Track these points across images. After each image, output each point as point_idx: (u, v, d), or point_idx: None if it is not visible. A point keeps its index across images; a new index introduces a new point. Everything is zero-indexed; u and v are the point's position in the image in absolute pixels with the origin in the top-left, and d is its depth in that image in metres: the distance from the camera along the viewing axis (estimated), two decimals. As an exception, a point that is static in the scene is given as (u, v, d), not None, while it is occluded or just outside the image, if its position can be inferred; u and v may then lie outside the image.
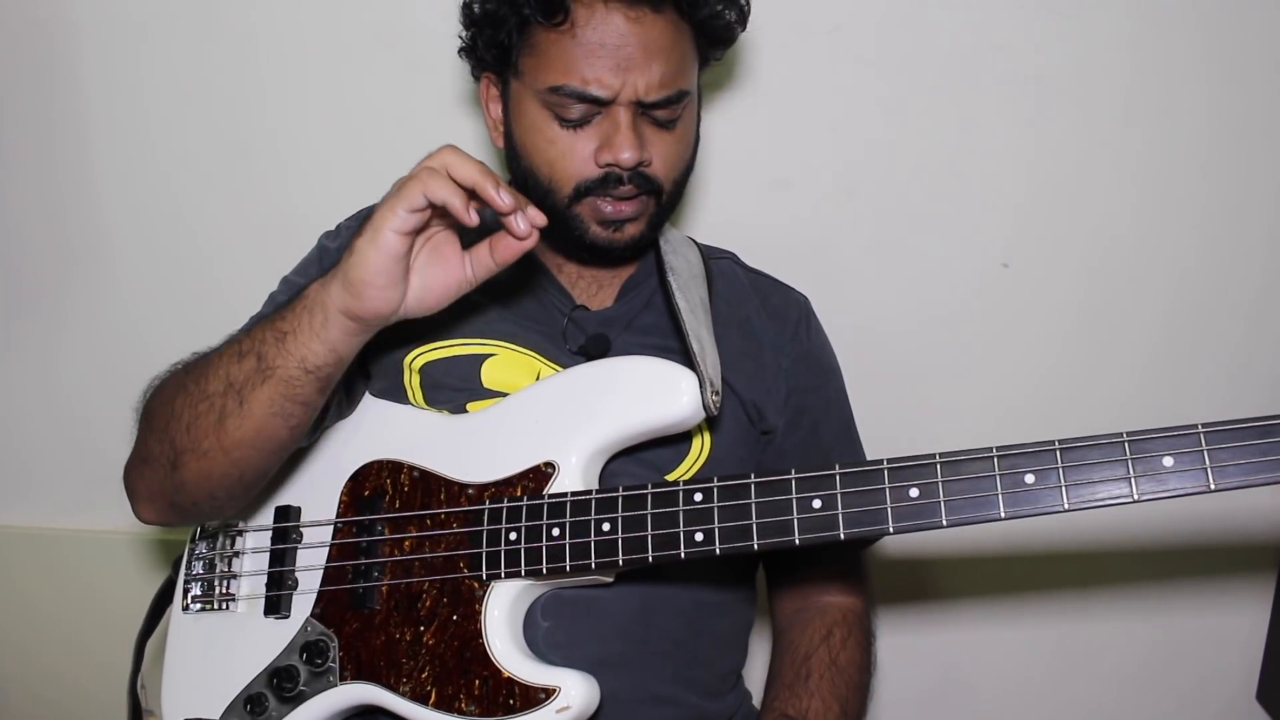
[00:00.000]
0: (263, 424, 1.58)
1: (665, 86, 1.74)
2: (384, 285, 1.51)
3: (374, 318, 1.54)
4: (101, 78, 2.53)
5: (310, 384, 1.57)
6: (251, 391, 1.56)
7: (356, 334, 1.56)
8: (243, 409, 1.57)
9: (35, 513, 2.82)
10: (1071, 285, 2.47)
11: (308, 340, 1.55)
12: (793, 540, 1.48)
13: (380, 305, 1.53)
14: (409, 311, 1.58)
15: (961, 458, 1.44)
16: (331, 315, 1.53)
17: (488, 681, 1.58)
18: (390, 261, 1.50)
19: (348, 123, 2.52)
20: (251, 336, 1.60)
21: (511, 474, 1.66)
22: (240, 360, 1.58)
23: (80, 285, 2.67)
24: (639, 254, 1.95)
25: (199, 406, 1.59)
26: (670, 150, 1.81)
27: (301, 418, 1.60)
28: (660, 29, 1.73)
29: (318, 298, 1.55)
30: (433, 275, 1.58)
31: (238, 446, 1.59)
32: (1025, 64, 2.35)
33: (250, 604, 1.79)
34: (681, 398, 1.60)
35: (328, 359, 1.56)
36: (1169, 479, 1.35)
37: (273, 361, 1.55)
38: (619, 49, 1.71)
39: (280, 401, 1.56)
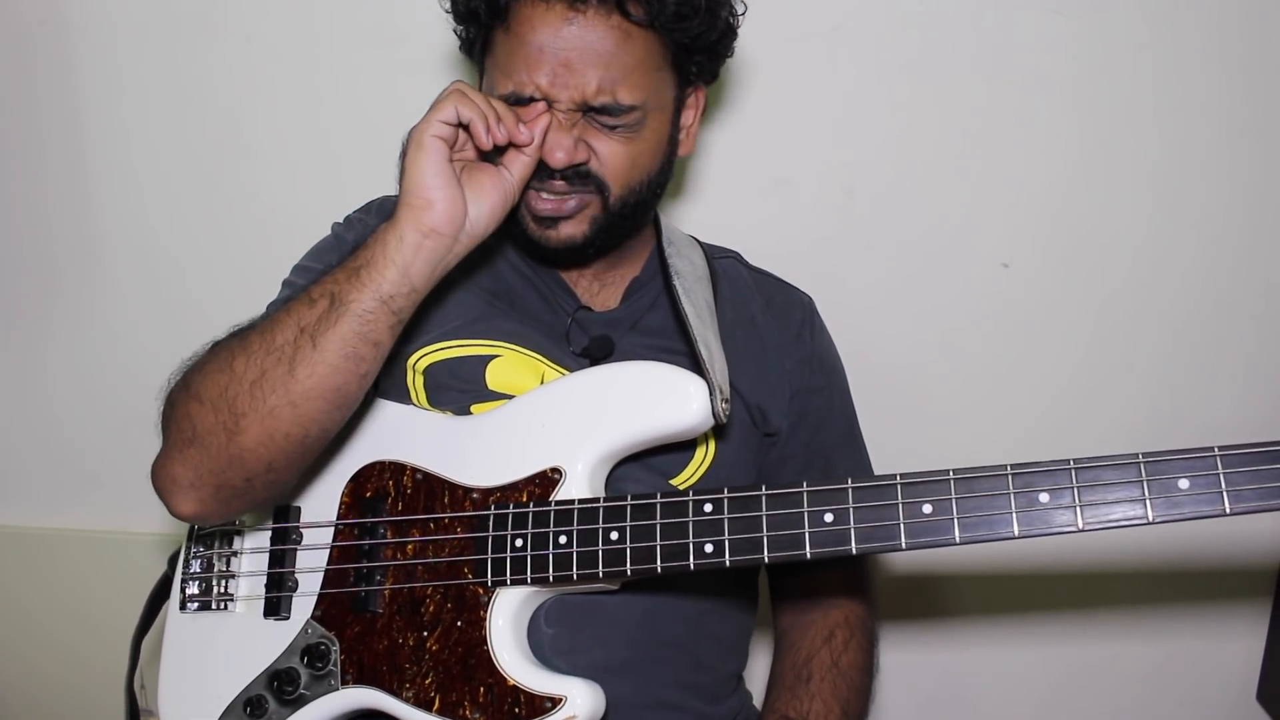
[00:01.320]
0: (335, 368, 1.57)
1: (603, 94, 1.71)
2: (444, 186, 1.58)
3: (446, 225, 1.59)
4: (91, 79, 2.53)
5: (384, 317, 1.57)
6: (326, 331, 1.56)
7: (429, 256, 1.59)
8: (316, 352, 1.56)
9: (24, 512, 2.82)
10: (1074, 286, 2.47)
11: (383, 268, 1.57)
12: (804, 554, 1.48)
13: (449, 208, 1.59)
14: (474, 222, 1.64)
15: (975, 474, 1.43)
16: (406, 236, 1.58)
17: (493, 689, 1.58)
18: (441, 162, 1.58)
19: (343, 126, 2.52)
20: (322, 283, 1.60)
21: (517, 479, 1.66)
22: (312, 305, 1.58)
23: (70, 286, 2.67)
24: (584, 257, 1.90)
25: (265, 361, 1.57)
26: (618, 157, 1.78)
27: (371, 362, 1.60)
28: (603, 33, 1.69)
29: (387, 227, 1.60)
30: (480, 185, 1.65)
31: (306, 398, 1.57)
32: (1026, 64, 2.36)
33: (249, 605, 1.79)
34: (691, 405, 1.60)
35: (401, 286, 1.57)
36: (1184, 502, 1.35)
37: (348, 296, 1.56)
38: (557, 52, 1.69)
39: (354, 340, 1.56)
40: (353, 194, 2.08)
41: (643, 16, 1.71)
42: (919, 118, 2.42)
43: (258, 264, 2.06)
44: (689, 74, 1.86)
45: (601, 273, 1.96)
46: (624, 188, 1.81)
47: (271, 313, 1.67)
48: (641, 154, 1.81)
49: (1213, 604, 2.61)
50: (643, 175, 1.83)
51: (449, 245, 1.60)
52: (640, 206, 1.86)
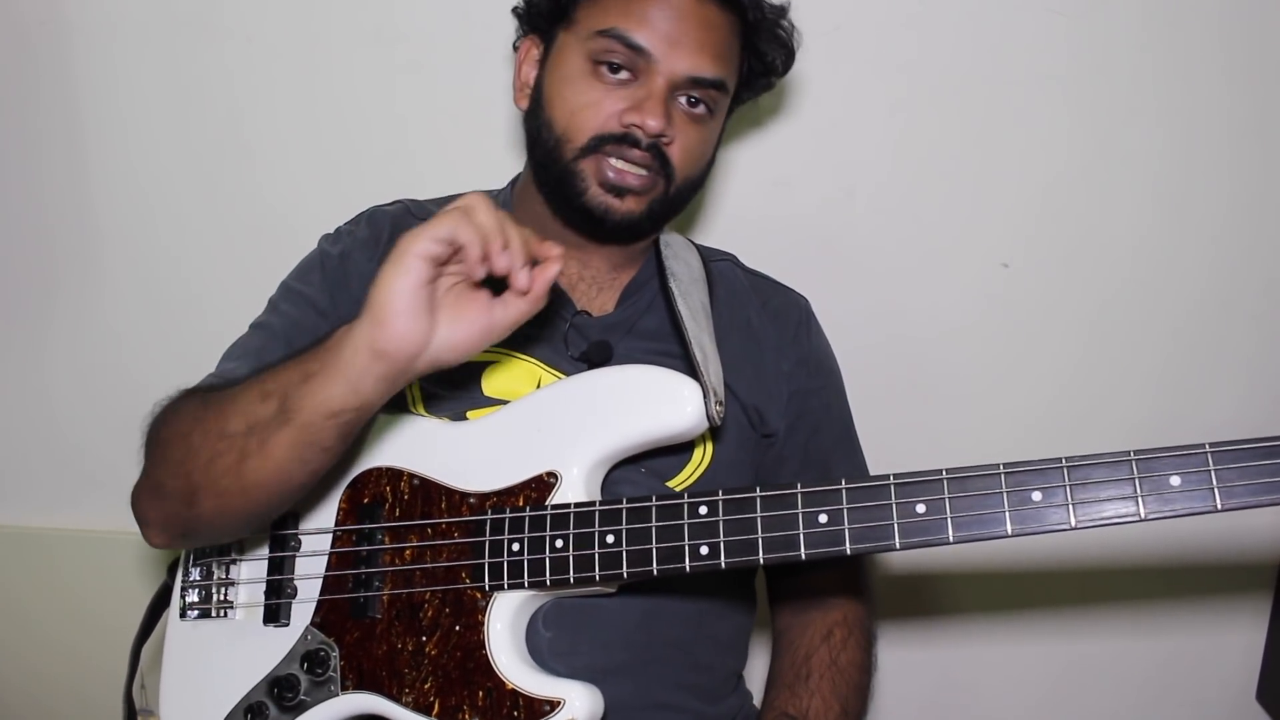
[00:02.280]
0: (282, 468, 1.54)
1: (710, 69, 1.78)
2: (408, 311, 1.44)
3: (400, 351, 1.46)
4: (91, 79, 2.53)
5: (330, 430, 1.51)
6: (273, 435, 1.52)
7: (381, 376, 1.48)
8: (263, 451, 1.53)
9: (23, 512, 2.82)
10: (1074, 286, 2.47)
11: (332, 381, 1.49)
12: (799, 555, 1.48)
13: (405, 334, 1.45)
14: (438, 352, 1.50)
15: (968, 474, 1.43)
16: (358, 352, 1.47)
17: (491, 693, 1.58)
18: (414, 284, 1.44)
19: (343, 126, 2.52)
20: (276, 375, 1.55)
21: (513, 483, 1.65)
22: (263, 401, 1.54)
23: (70, 286, 2.68)
24: (630, 237, 1.93)
25: (218, 445, 1.56)
26: (692, 141, 1.83)
27: (321, 463, 1.57)
28: (721, 23, 1.80)
29: (343, 337, 1.49)
30: (460, 317, 1.51)
31: (256, 488, 1.56)
32: (1026, 64, 2.35)
33: (249, 612, 1.78)
34: (685, 408, 1.60)
35: (349, 402, 1.49)
36: (1176, 498, 1.35)
37: (295, 404, 1.50)
38: (678, 21, 1.75)
39: (300, 447, 1.52)
40: (352, 194, 2.08)
41: (754, 24, 1.86)
42: (919, 118, 2.42)
43: (257, 264, 2.06)
44: (739, 98, 1.98)
45: (599, 277, 1.97)
46: (684, 179, 1.86)
47: (231, 389, 1.62)
48: (706, 145, 1.89)
49: (1212, 603, 2.61)
50: (699, 170, 1.90)
51: (403, 369, 1.49)
52: (684, 201, 1.92)
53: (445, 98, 2.46)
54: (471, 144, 2.45)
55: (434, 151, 2.49)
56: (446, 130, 2.48)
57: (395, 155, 2.50)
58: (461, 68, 2.42)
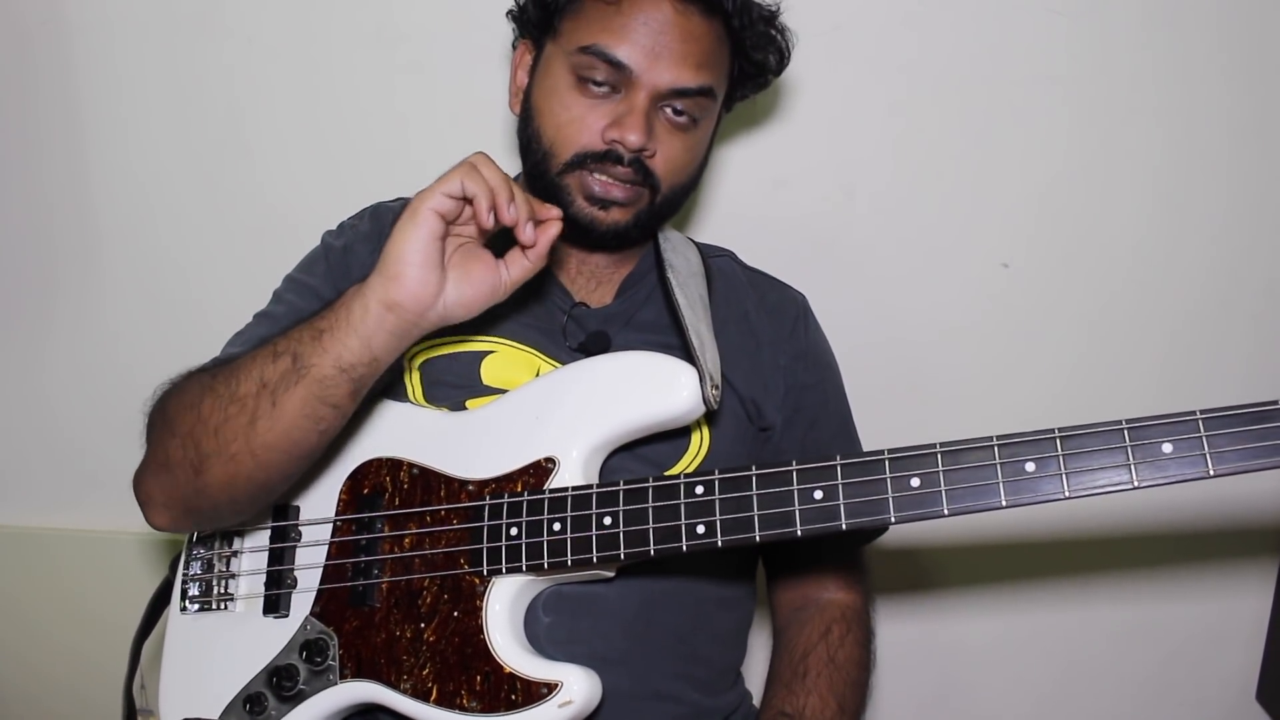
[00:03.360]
0: (294, 426, 1.56)
1: (693, 80, 1.77)
2: (420, 264, 1.51)
3: (412, 304, 1.52)
4: (91, 79, 2.54)
5: (343, 384, 1.54)
6: (285, 391, 1.54)
7: (393, 330, 1.53)
8: (275, 410, 1.54)
9: (23, 512, 2.82)
10: (1074, 286, 2.47)
11: (344, 336, 1.53)
12: (795, 531, 1.48)
13: (418, 288, 1.51)
14: (448, 306, 1.56)
15: (962, 447, 1.43)
16: (371, 306, 1.52)
17: (489, 677, 1.57)
18: (427, 239, 1.51)
19: (343, 126, 2.53)
20: (288, 336, 1.58)
21: (512, 470, 1.66)
22: (275, 360, 1.56)
23: (70, 286, 2.68)
24: (620, 244, 1.93)
25: (229, 409, 1.57)
26: (677, 152, 1.82)
27: (332, 421, 1.58)
28: (704, 31, 1.78)
29: (356, 292, 1.54)
30: (469, 272, 1.57)
31: (266, 450, 1.57)
32: (1026, 64, 2.36)
33: (249, 603, 1.78)
34: (681, 392, 1.60)
35: (362, 355, 1.53)
36: (1168, 465, 1.35)
37: (309, 360, 1.53)
38: (659, 34, 1.74)
39: (313, 403, 1.54)
40: (352, 193, 2.09)
41: (739, 31, 1.83)
42: (918, 118, 2.42)
43: (258, 264, 2.06)
44: (732, 99, 1.98)
45: (598, 270, 1.97)
46: (670, 189, 1.86)
47: (240, 356, 1.65)
48: (693, 154, 1.88)
49: (1213, 604, 2.60)
50: (687, 179, 1.89)
51: (414, 321, 1.55)
52: (673, 208, 1.92)
53: (445, 98, 2.47)
54: (471, 144, 2.40)
55: (434, 151, 2.47)
56: (446, 130, 2.48)
57: (395, 155, 2.50)
58: (461, 68, 2.42)
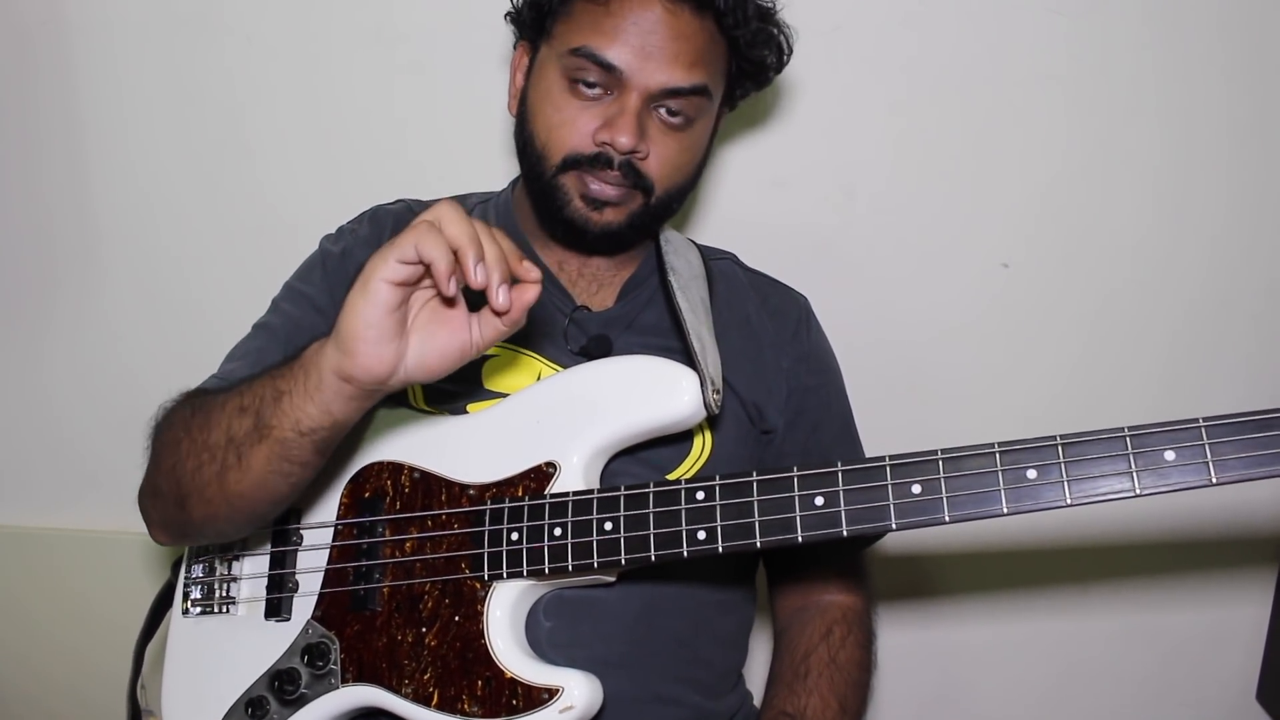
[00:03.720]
0: (261, 480, 1.54)
1: (685, 79, 1.76)
2: (375, 340, 1.40)
3: (367, 378, 1.43)
4: (91, 79, 2.54)
5: (306, 446, 1.51)
6: (250, 449, 1.52)
7: (353, 398, 1.47)
8: (242, 464, 1.53)
9: (24, 512, 2.83)
10: (1074, 286, 2.47)
11: (302, 402, 1.48)
12: (795, 538, 1.48)
13: (372, 363, 1.41)
14: (410, 373, 1.45)
15: (963, 454, 1.43)
16: (325, 376, 1.45)
17: (490, 682, 1.57)
18: (380, 312, 1.39)
19: (343, 126, 2.53)
20: (254, 390, 1.54)
21: (513, 474, 1.66)
22: (241, 415, 1.54)
23: (70, 286, 2.68)
24: (615, 247, 1.93)
25: (201, 456, 1.57)
26: (671, 153, 1.82)
27: (301, 475, 1.56)
28: (696, 30, 1.77)
29: (313, 357, 1.47)
30: (433, 336, 1.46)
31: (239, 498, 1.57)
32: (1026, 64, 2.36)
33: (250, 607, 1.79)
34: (683, 396, 1.60)
35: (322, 422, 1.48)
36: (1171, 473, 1.35)
37: (269, 421, 1.50)
38: (649, 34, 1.73)
39: (277, 461, 1.52)
40: (351, 193, 2.09)
41: (731, 29, 1.80)
42: (918, 118, 2.42)
43: (258, 264, 2.07)
44: (732, 95, 1.96)
45: (599, 273, 1.97)
46: (665, 190, 1.85)
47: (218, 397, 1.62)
48: (689, 154, 1.86)
49: (1213, 603, 2.60)
50: (683, 180, 1.88)
51: (372, 390, 1.46)
52: (670, 209, 1.91)
53: (445, 98, 2.47)
54: (471, 144, 2.45)
55: (434, 151, 2.50)
56: (446, 130, 2.48)
57: (395, 155, 2.50)
58: (462, 68, 2.42)
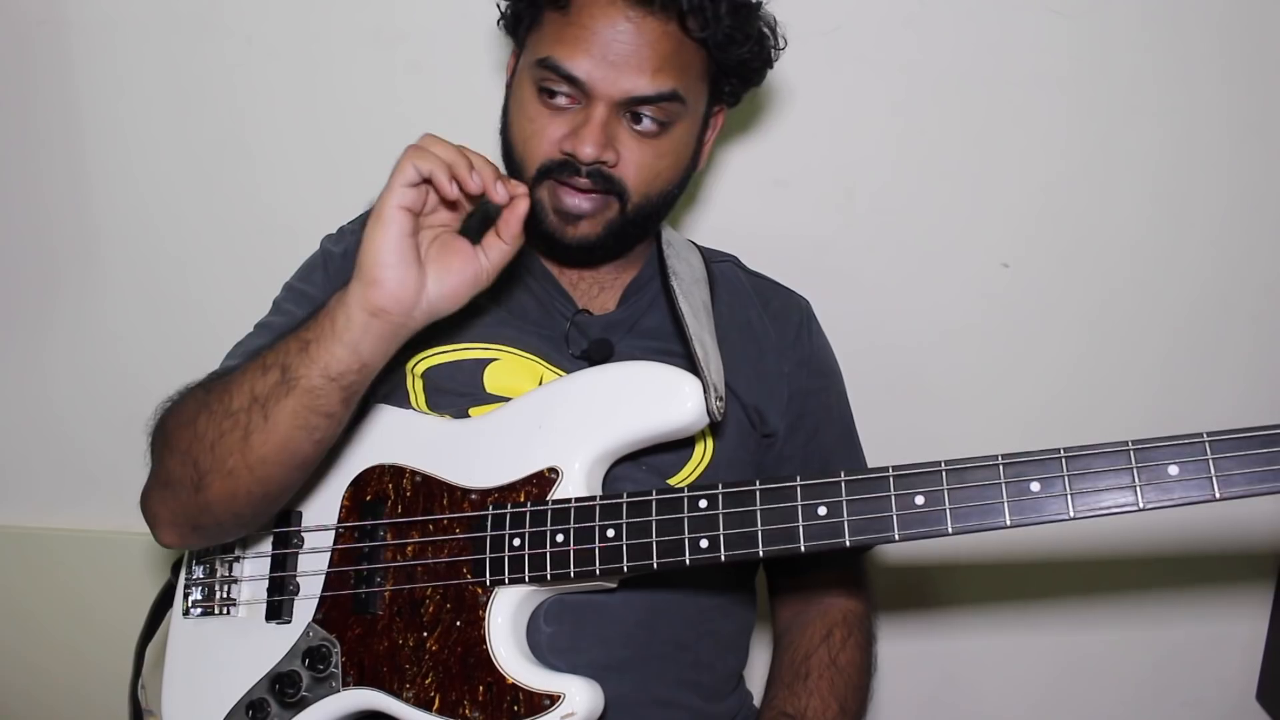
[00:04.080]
0: (288, 437, 1.55)
1: (651, 86, 1.73)
2: (397, 264, 1.49)
3: (395, 305, 1.50)
4: (91, 79, 2.54)
5: (334, 393, 1.53)
6: (276, 404, 1.53)
7: (380, 334, 1.52)
8: (268, 423, 1.54)
9: (24, 512, 2.83)
10: (1074, 286, 2.47)
11: (330, 345, 1.51)
12: (798, 547, 1.48)
13: (398, 288, 1.50)
14: (432, 302, 1.55)
15: (967, 465, 1.44)
16: (353, 313, 1.50)
17: (492, 688, 1.58)
18: (399, 237, 1.49)
19: (343, 126, 2.52)
20: (276, 349, 1.57)
21: (515, 479, 1.66)
22: (265, 373, 1.55)
23: (70, 286, 2.68)
24: (596, 258, 1.92)
25: (223, 424, 1.57)
26: (646, 160, 1.79)
27: (326, 430, 1.58)
28: (660, 35, 1.73)
29: (338, 300, 1.53)
30: (448, 264, 1.56)
31: (263, 463, 1.57)
32: (1026, 64, 2.35)
33: (251, 609, 1.79)
34: (686, 404, 1.60)
35: (350, 364, 1.52)
36: (1174, 488, 1.35)
37: (296, 371, 1.52)
38: (610, 42, 1.71)
39: (304, 414, 1.53)
40: (351, 193, 2.08)
41: (698, 31, 1.75)
42: (919, 118, 2.41)
43: (258, 264, 2.06)
44: (721, 94, 1.92)
45: (601, 276, 1.96)
46: (643, 197, 1.82)
47: (233, 370, 1.65)
48: (667, 165, 1.83)
49: (1212, 603, 2.61)
50: (663, 186, 1.85)
51: (400, 323, 1.53)
52: (654, 216, 1.88)
53: (445, 98, 2.46)
54: (471, 144, 2.43)
55: (434, 151, 2.49)
56: (446, 130, 2.43)
57: (395, 155, 2.46)
58: (462, 68, 2.41)
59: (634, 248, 1.95)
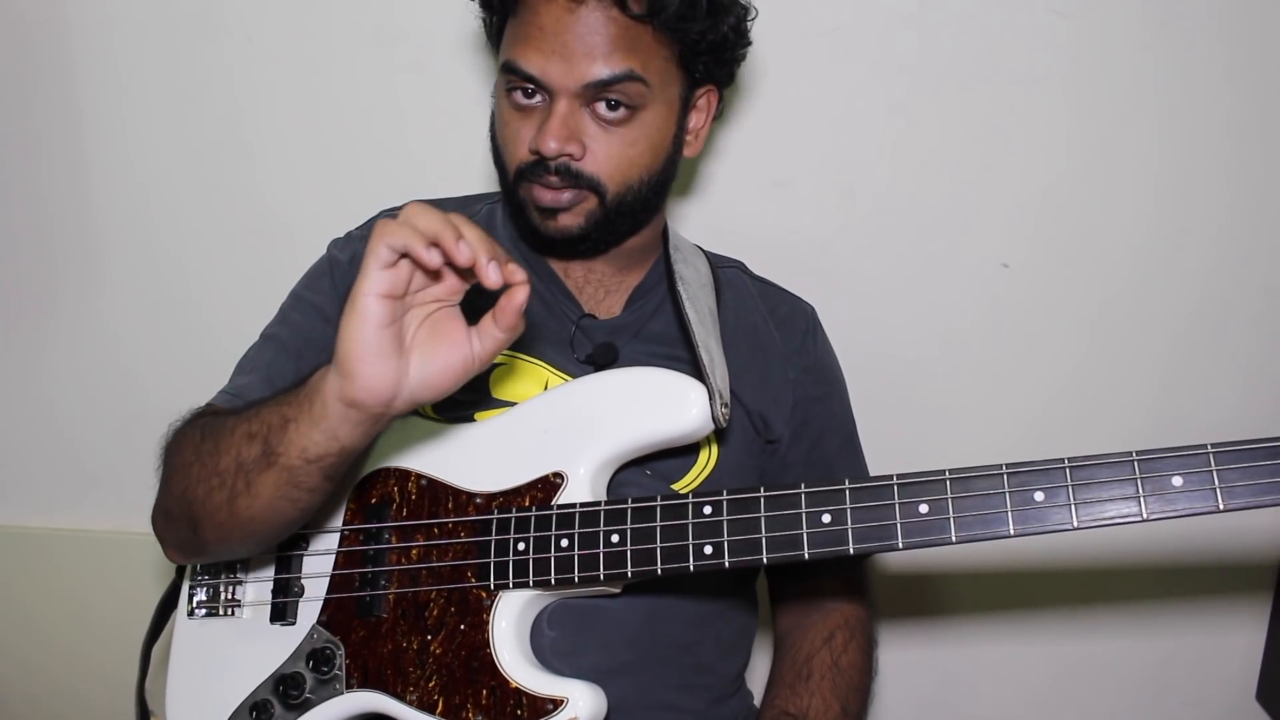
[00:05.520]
0: (271, 506, 1.55)
1: (605, 70, 1.71)
2: (372, 358, 1.38)
3: (370, 399, 1.40)
4: (91, 79, 2.54)
5: (313, 474, 1.50)
6: (259, 475, 1.52)
7: (359, 423, 1.44)
8: (250, 490, 1.53)
9: (23, 512, 2.83)
10: (1074, 286, 2.47)
11: (308, 429, 1.46)
12: (802, 555, 1.49)
13: (373, 383, 1.39)
14: (414, 392, 1.43)
15: (971, 474, 1.44)
16: (330, 402, 1.43)
17: (495, 691, 1.58)
18: (374, 328, 1.37)
19: (343, 126, 2.52)
20: (262, 416, 1.54)
21: (520, 484, 1.66)
22: (249, 442, 1.53)
23: (70, 286, 2.68)
24: (581, 250, 1.91)
25: (211, 482, 1.57)
26: (615, 148, 1.78)
27: (309, 501, 1.56)
28: (606, 20, 1.71)
29: (317, 384, 1.46)
30: (434, 352, 1.43)
31: (250, 522, 1.57)
32: (1026, 64, 2.35)
33: (256, 610, 1.79)
34: (691, 410, 1.60)
35: (329, 449, 1.47)
36: (1178, 499, 1.35)
37: (276, 448, 1.49)
38: (556, 35, 1.71)
39: (286, 488, 1.52)
40: (352, 193, 2.09)
41: (642, 13, 1.72)
42: (919, 118, 2.41)
43: (258, 264, 2.06)
44: (696, 73, 1.87)
45: (606, 279, 1.96)
46: (620, 186, 1.81)
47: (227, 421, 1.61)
48: (639, 152, 1.81)
49: (1212, 603, 2.61)
50: (641, 174, 1.82)
51: (378, 414, 1.43)
52: (641, 205, 1.86)
53: (445, 98, 2.46)
54: (472, 144, 2.43)
55: (434, 151, 2.49)
56: (447, 130, 2.47)
57: (395, 155, 2.49)
58: (462, 68, 2.41)
59: (629, 238, 1.93)
